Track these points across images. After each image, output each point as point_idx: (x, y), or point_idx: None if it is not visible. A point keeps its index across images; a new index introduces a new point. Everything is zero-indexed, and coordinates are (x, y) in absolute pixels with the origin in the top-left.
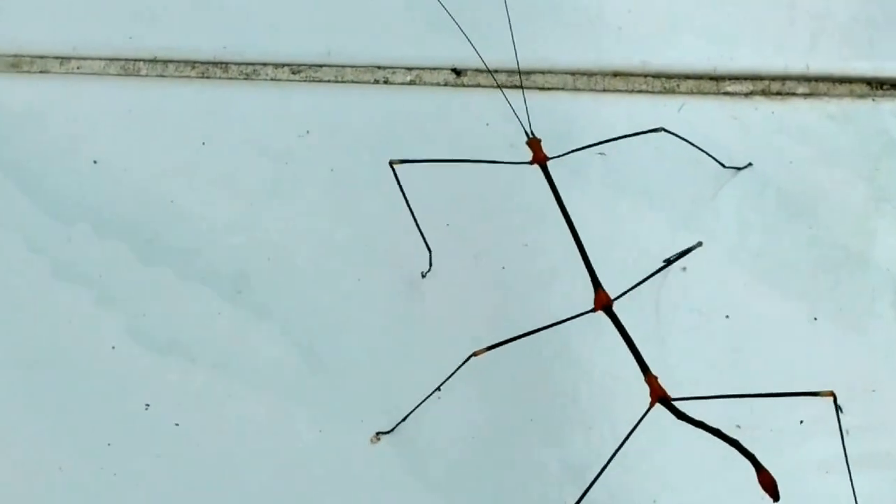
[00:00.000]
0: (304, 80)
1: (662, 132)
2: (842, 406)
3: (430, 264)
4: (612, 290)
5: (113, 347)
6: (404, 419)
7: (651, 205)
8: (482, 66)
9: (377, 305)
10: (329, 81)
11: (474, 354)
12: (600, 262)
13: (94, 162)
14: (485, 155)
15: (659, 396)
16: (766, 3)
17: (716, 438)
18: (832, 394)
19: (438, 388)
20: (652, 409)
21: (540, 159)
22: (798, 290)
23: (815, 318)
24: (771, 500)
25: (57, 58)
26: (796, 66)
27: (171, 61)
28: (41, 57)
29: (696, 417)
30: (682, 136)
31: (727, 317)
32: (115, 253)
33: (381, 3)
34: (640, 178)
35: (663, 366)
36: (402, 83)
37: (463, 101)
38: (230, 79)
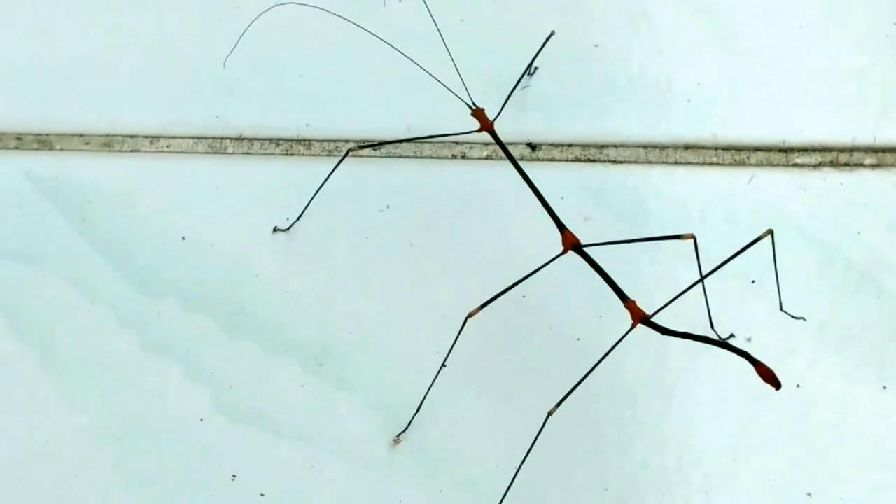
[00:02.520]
0: (385, 156)
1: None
2: None
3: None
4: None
5: (201, 419)
6: (418, 410)
7: (722, 275)
8: (557, 140)
9: (457, 378)
10: (408, 157)
11: (469, 316)
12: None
13: (183, 238)
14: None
15: (641, 317)
16: (832, 75)
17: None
18: None
19: (444, 364)
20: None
21: (486, 126)
22: (867, 359)
23: (885, 387)
24: (774, 389)
25: (147, 137)
26: (864, 137)
27: (256, 139)
28: (132, 136)
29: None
30: (753, 206)
31: (798, 386)
32: (202, 327)
33: (458, 81)
34: (711, 248)
35: (730, 435)
36: (480, 158)
37: (538, 175)
38: (313, 155)
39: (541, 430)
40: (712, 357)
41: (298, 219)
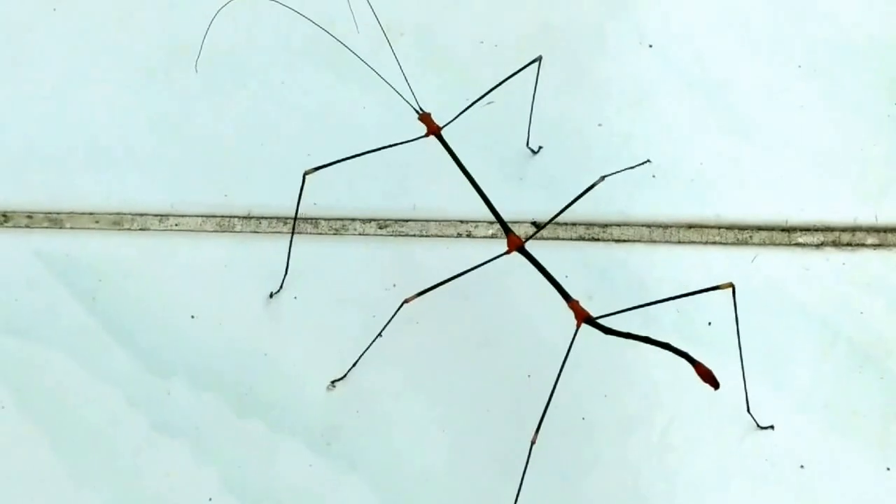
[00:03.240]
0: (391, 235)
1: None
2: None
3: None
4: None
5: (210, 499)
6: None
7: (724, 355)
8: (561, 219)
9: (465, 460)
10: (414, 235)
11: (406, 301)
12: (679, 414)
13: (192, 316)
14: (561, 309)
15: (584, 317)
16: (834, 155)
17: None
18: None
19: (380, 334)
20: (580, 330)
21: (434, 130)
22: (870, 440)
23: (888, 468)
24: (712, 389)
25: (156, 215)
26: (865, 216)
27: (264, 217)
28: (141, 215)
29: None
30: (756, 285)
31: (802, 467)
32: (210, 406)
33: (463, 162)
34: (712, 329)
35: None
36: (485, 236)
37: (544, 253)
38: (320, 234)
39: (528, 460)
40: (716, 424)
41: (282, 287)
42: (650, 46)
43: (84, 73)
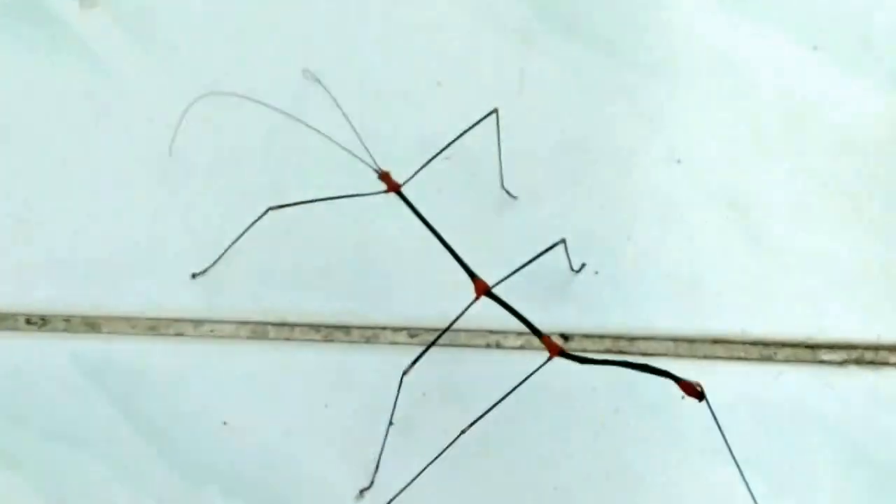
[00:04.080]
0: (421, 344)
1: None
2: None
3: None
4: None
5: None
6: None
7: (748, 469)
8: (589, 331)
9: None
10: (444, 345)
11: (405, 373)
12: None
13: (224, 423)
14: (588, 420)
15: (558, 351)
16: (858, 272)
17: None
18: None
19: (391, 422)
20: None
21: (394, 187)
22: None
23: None
24: (697, 401)
25: (192, 321)
26: (889, 335)
27: (297, 325)
28: (177, 320)
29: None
30: (779, 401)
31: None
32: None
33: (488, 273)
34: (738, 442)
35: None
36: (514, 347)
37: (570, 366)
38: (351, 342)
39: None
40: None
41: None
42: (678, 161)
43: (122, 177)
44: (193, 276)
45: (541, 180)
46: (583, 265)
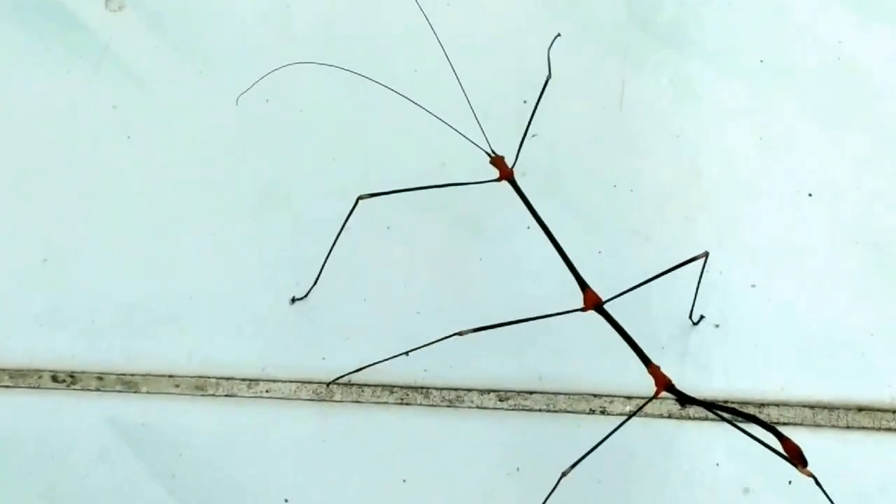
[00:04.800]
0: (513, 409)
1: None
2: None
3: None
4: None
5: None
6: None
7: None
8: (712, 396)
9: None
10: (539, 410)
11: (459, 334)
12: None
13: (285, 501)
14: (714, 496)
15: (665, 384)
16: None
17: None
18: None
19: (406, 353)
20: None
21: (506, 174)
22: None
23: None
24: (801, 466)
25: (244, 380)
26: None
27: (367, 385)
28: (228, 379)
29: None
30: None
31: None
32: None
33: (596, 336)
34: None
35: None
36: (621, 413)
37: (690, 437)
38: (432, 406)
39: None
40: None
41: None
42: (809, 195)
43: (159, 206)
44: (293, 300)
45: (645, 214)
46: (701, 317)
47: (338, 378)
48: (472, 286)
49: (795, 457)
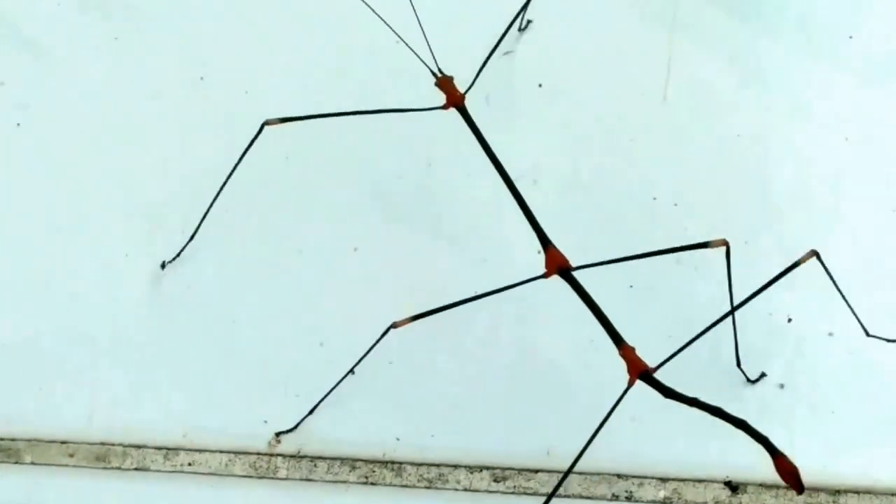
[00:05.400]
0: (511, 492)
1: None
2: None
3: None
4: None
5: None
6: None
7: None
8: (768, 479)
9: None
10: (545, 495)
11: (393, 326)
12: None
13: None
14: None
15: (640, 371)
16: None
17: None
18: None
19: (352, 371)
20: (633, 388)
21: (455, 101)
22: None
23: None
24: (796, 493)
25: (160, 449)
26: None
27: (321, 458)
28: (138, 447)
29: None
30: None
31: None
32: None
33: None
34: None
35: None
36: (653, 501)
37: None
38: (405, 486)
39: None
40: None
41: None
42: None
43: (52, 226)
44: (163, 265)
45: (692, 234)
46: (762, 374)
47: (281, 433)
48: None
49: (789, 477)
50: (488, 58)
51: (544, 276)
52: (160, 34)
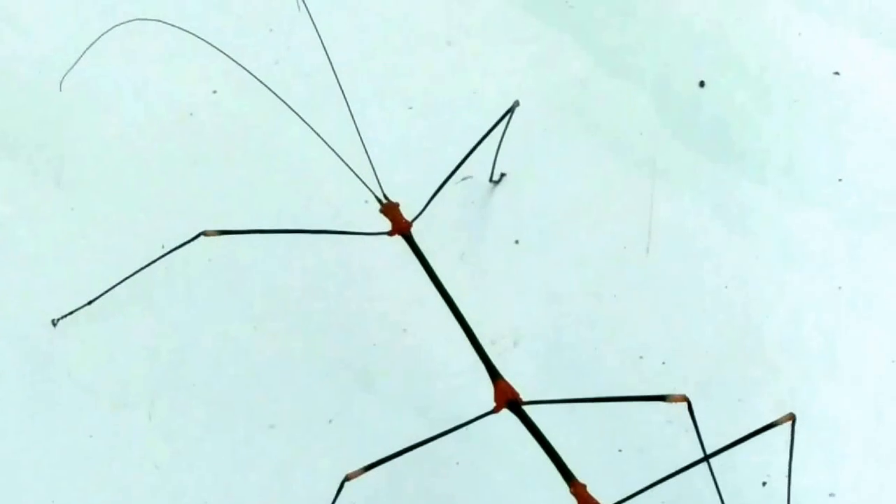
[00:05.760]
0: None
1: None
2: None
3: None
4: None
5: None
6: None
7: None
8: None
9: None
10: None
11: (347, 479)
12: None
13: None
14: None
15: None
16: None
17: None
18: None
19: None
20: None
21: (402, 228)
22: None
23: None
24: None
25: None
26: None
27: None
28: None
29: None
30: None
31: None
32: None
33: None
34: None
35: None
36: None
37: None
38: None
39: None
40: None
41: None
42: None
43: None
44: (54, 322)
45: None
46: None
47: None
48: None
49: None
50: (443, 184)
51: (494, 411)
52: None
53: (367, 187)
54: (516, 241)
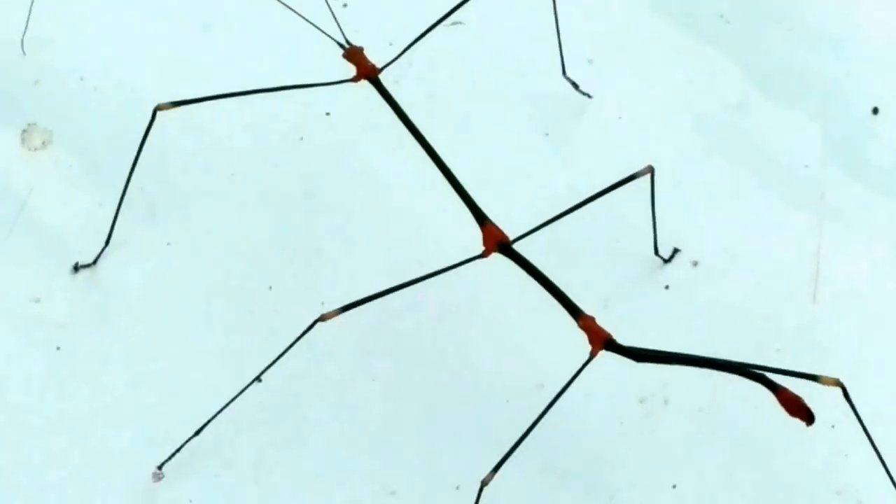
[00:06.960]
0: None
1: None
2: None
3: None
4: None
5: None
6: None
7: None
8: None
9: None
10: None
11: (321, 319)
12: None
13: None
14: None
15: (603, 341)
16: None
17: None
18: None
19: (258, 378)
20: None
21: (367, 72)
22: None
23: None
24: (805, 425)
25: None
26: None
27: None
28: None
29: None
30: None
31: None
32: None
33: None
34: None
35: None
36: None
37: None
38: None
39: None
40: None
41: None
42: None
43: None
44: (76, 268)
45: None
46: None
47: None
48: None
49: (797, 409)
50: (430, 28)
51: (483, 255)
52: None
53: (325, 33)
54: (666, 287)
